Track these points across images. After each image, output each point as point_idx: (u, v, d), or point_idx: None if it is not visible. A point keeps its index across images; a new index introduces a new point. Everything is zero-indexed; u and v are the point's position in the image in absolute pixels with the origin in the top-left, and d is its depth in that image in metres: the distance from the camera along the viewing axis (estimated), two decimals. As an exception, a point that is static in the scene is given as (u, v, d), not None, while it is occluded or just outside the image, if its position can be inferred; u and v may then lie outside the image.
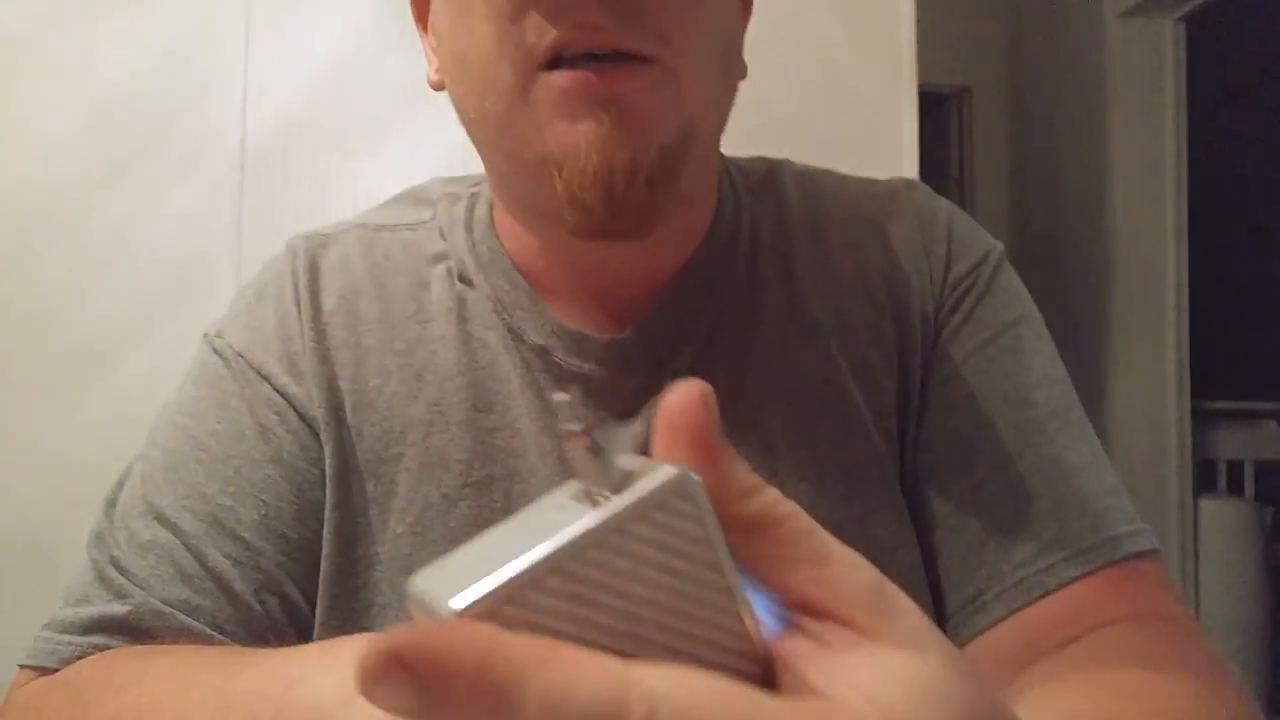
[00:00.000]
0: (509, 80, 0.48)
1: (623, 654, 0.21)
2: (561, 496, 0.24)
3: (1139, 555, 0.54)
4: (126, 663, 0.48)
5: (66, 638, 0.50)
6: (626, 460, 0.23)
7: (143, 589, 0.51)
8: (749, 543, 0.23)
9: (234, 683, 0.40)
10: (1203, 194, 2.70)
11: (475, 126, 0.53)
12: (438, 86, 0.57)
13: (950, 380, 0.59)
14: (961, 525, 0.56)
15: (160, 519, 0.53)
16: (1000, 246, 0.63)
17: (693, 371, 0.57)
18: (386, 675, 0.19)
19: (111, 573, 0.52)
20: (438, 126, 1.43)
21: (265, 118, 1.43)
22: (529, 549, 0.20)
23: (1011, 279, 0.62)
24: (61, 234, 1.38)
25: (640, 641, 0.21)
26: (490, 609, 0.20)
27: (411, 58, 1.45)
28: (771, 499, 0.24)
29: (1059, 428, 0.57)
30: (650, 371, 0.56)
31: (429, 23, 0.58)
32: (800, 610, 0.23)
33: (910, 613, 0.24)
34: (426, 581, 0.22)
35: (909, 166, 1.54)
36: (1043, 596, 0.53)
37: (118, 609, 0.50)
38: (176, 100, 1.41)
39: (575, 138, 0.46)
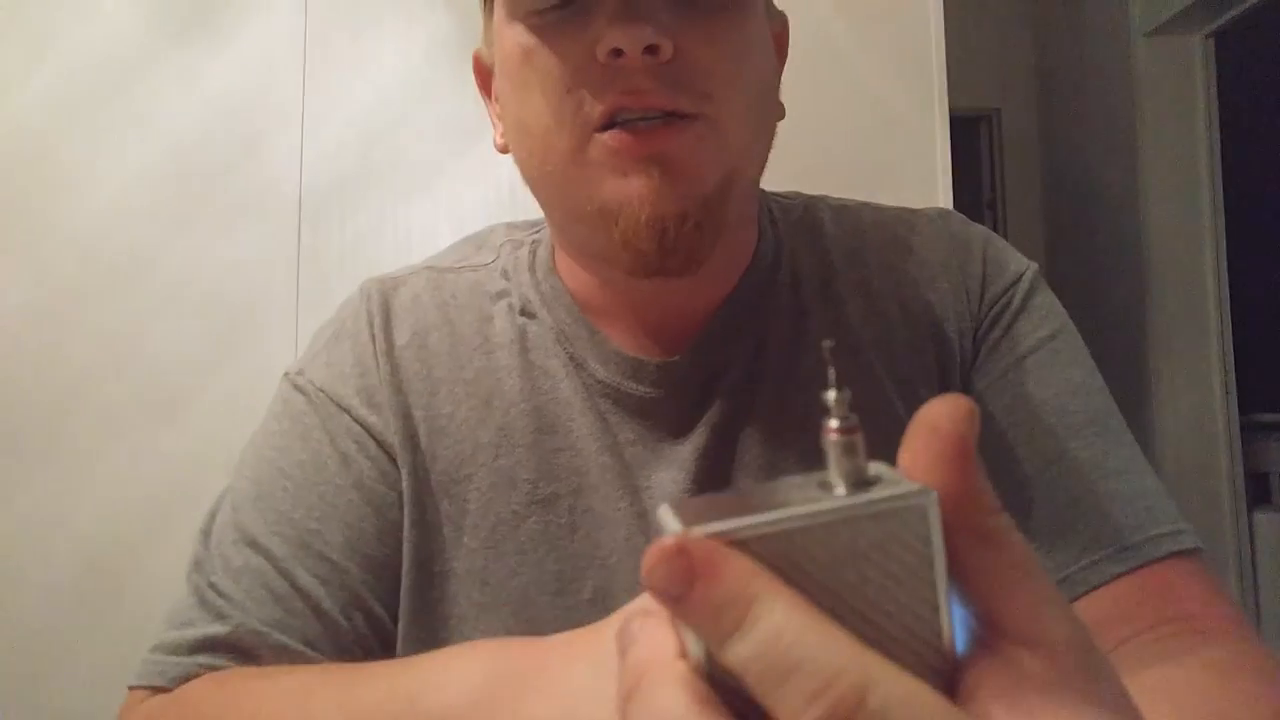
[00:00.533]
0: (567, 144, 0.52)
1: None
2: (804, 481, 0.25)
3: (1183, 553, 0.55)
4: (242, 683, 0.51)
5: (174, 659, 0.54)
6: (879, 468, 0.25)
7: (240, 610, 0.54)
8: (978, 556, 0.24)
9: (353, 698, 0.43)
10: (1239, 207, 2.68)
11: (538, 185, 0.57)
12: (503, 150, 0.61)
13: (989, 392, 0.61)
14: None
15: (252, 545, 0.57)
16: (1035, 266, 0.66)
17: (741, 390, 0.61)
18: (671, 557, 0.22)
19: (211, 596, 0.56)
20: (485, 167, 1.48)
21: (321, 163, 1.50)
22: (762, 511, 0.23)
23: (1047, 297, 0.65)
24: (130, 278, 1.44)
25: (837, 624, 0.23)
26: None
27: (459, 104, 1.52)
28: (1010, 523, 0.24)
29: (1097, 433, 0.59)
30: (701, 391, 0.60)
31: (493, 93, 0.63)
32: (1003, 635, 0.23)
33: (1115, 678, 0.24)
34: (670, 514, 0.24)
35: (943, 189, 1.56)
36: (1088, 593, 0.54)
37: (219, 630, 0.54)
38: (237, 149, 1.48)
39: (629, 192, 0.51)
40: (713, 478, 0.59)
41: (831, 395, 0.25)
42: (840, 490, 0.24)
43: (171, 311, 1.44)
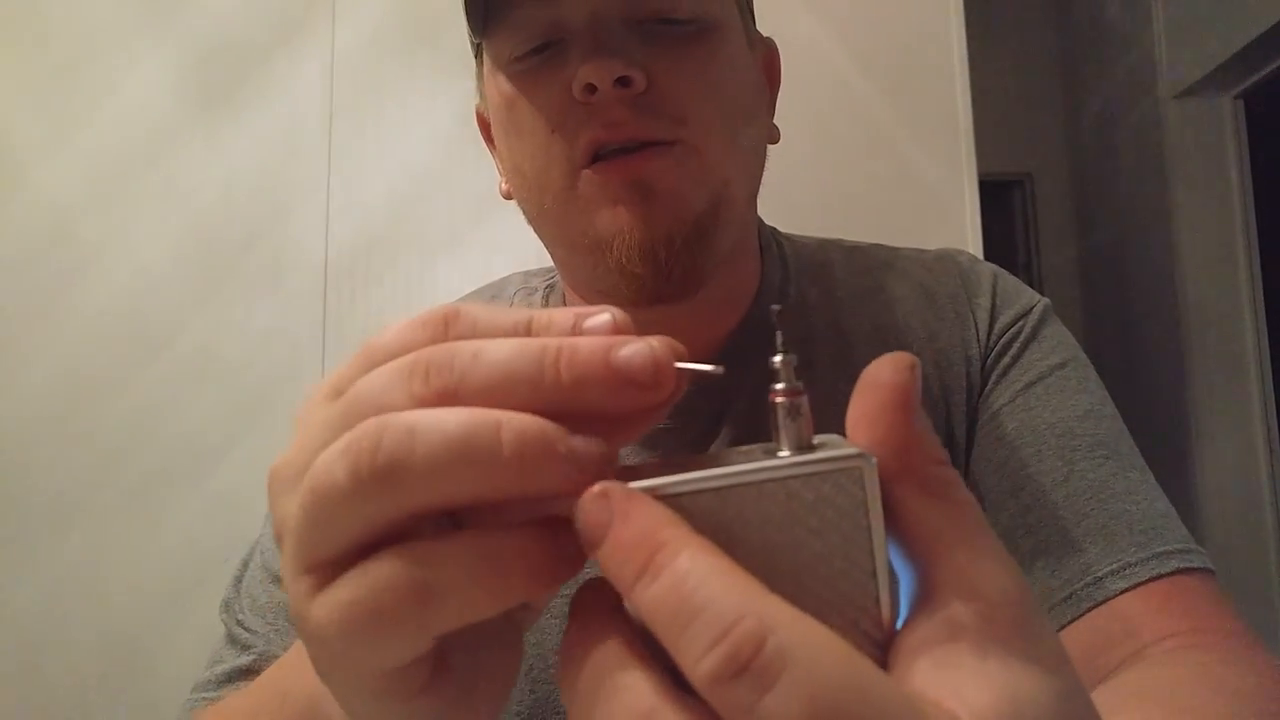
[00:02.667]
0: (558, 181, 0.54)
1: None
2: (753, 448, 0.25)
3: (1189, 571, 0.54)
4: (221, 706, 0.52)
5: (203, 694, 0.56)
6: (828, 437, 0.25)
7: (264, 641, 0.57)
8: (920, 506, 0.23)
9: (245, 707, 0.43)
10: (1275, 265, 2.64)
11: (538, 223, 0.59)
12: (507, 195, 0.64)
13: (998, 416, 0.61)
14: (1011, 548, 0.57)
15: (277, 581, 0.58)
16: (1047, 301, 0.66)
17: (750, 418, 0.61)
18: (593, 500, 0.22)
19: (239, 632, 0.58)
20: (510, 233, 1.48)
21: (346, 232, 1.50)
22: (701, 471, 0.23)
23: (1058, 328, 0.65)
24: (157, 348, 1.44)
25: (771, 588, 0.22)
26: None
27: (483, 170, 1.52)
28: (956, 478, 0.24)
29: (1106, 455, 0.58)
30: (710, 420, 0.61)
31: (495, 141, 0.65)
32: (941, 589, 0.23)
33: (1053, 637, 0.23)
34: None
35: (974, 253, 1.54)
36: (1091, 609, 0.53)
37: (244, 661, 0.56)
38: (263, 219, 1.49)
39: (618, 220, 0.53)
40: None
41: (778, 360, 0.24)
42: (784, 454, 0.23)
43: (198, 382, 1.44)
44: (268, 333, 1.46)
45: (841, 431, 0.25)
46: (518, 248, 1.47)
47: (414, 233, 1.51)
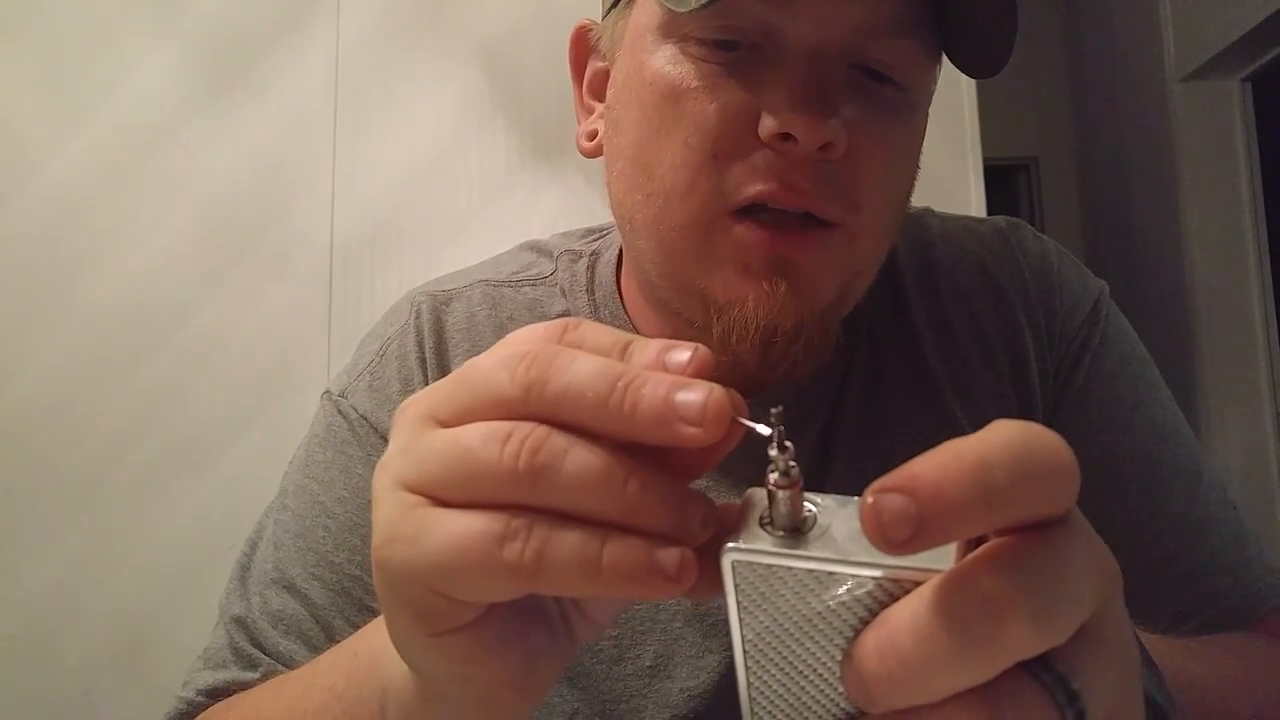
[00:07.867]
0: (692, 215, 0.47)
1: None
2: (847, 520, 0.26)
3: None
4: (240, 697, 0.51)
5: (204, 699, 0.54)
6: (824, 499, 0.26)
7: (270, 657, 0.53)
8: None
9: (315, 668, 0.43)
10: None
11: (638, 229, 0.51)
12: (590, 154, 0.57)
13: (1076, 444, 0.59)
14: None
15: (290, 589, 0.55)
16: (1106, 287, 0.63)
17: (821, 443, 0.57)
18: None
19: (243, 642, 0.55)
20: (516, 222, 1.48)
21: (352, 219, 1.50)
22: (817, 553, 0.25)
23: (1120, 323, 0.63)
24: (164, 335, 1.45)
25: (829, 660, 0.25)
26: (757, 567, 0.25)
27: (490, 158, 1.52)
28: (1067, 541, 0.25)
29: (1190, 483, 0.58)
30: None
31: (589, 83, 0.58)
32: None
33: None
34: (757, 508, 0.26)
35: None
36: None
37: (249, 676, 0.53)
38: (269, 206, 1.49)
39: (744, 292, 0.46)
40: None
41: (774, 453, 0.26)
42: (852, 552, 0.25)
43: (205, 368, 1.44)
44: (274, 319, 1.47)
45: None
46: (523, 234, 1.47)
47: (419, 219, 1.51)
